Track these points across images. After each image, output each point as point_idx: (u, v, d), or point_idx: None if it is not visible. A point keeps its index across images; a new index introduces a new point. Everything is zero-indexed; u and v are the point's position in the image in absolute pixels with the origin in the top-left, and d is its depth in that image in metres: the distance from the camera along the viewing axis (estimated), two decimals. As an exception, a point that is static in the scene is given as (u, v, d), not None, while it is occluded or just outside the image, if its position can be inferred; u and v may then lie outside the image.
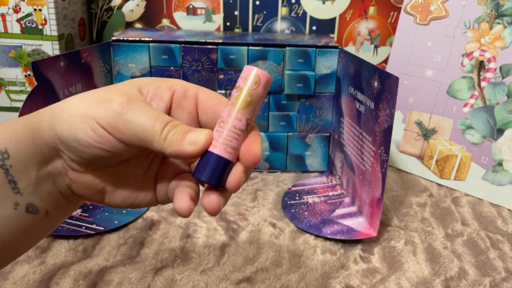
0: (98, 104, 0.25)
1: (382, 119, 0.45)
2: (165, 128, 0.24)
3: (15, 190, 0.25)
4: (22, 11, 0.56)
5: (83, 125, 0.24)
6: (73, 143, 0.24)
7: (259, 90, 0.25)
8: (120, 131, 0.24)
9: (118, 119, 0.24)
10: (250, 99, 0.25)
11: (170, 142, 0.24)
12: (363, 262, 0.44)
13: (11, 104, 0.60)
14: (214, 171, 0.25)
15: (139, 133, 0.24)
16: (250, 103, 0.25)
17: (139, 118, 0.24)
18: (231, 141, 0.25)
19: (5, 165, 0.24)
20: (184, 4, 0.69)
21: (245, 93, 0.25)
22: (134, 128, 0.24)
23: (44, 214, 0.26)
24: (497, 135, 0.56)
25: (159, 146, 0.24)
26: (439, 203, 0.56)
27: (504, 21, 0.54)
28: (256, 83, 0.24)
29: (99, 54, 0.54)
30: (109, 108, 0.24)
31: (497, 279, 0.42)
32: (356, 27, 0.70)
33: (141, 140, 0.24)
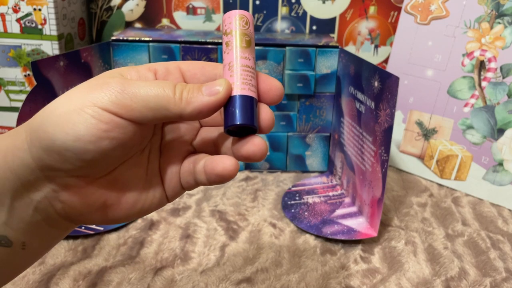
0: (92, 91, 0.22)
1: (383, 119, 0.45)
2: (176, 89, 0.22)
3: None
4: (21, 11, 0.55)
5: (83, 116, 0.21)
6: (74, 144, 0.21)
7: (251, 29, 0.25)
8: (129, 107, 0.21)
9: (123, 95, 0.21)
10: (249, 38, 0.24)
11: (188, 100, 0.22)
12: (364, 262, 0.44)
13: (10, 104, 0.60)
14: (247, 112, 0.23)
15: (151, 102, 0.21)
16: (250, 42, 0.24)
17: (145, 89, 0.22)
18: (250, 80, 0.24)
19: None
20: (184, 4, 0.69)
21: (241, 33, 0.24)
22: (144, 98, 0.21)
23: (19, 247, 0.23)
24: (498, 135, 0.55)
25: (177, 108, 0.22)
26: (440, 203, 0.56)
27: (504, 21, 0.54)
28: (247, 24, 0.24)
29: (99, 54, 0.54)
30: (109, 88, 0.21)
31: (497, 279, 0.42)
32: (357, 26, 0.70)
33: (155, 110, 0.22)
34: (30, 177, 0.22)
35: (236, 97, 0.23)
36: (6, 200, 0.22)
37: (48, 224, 0.23)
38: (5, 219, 0.22)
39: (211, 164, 0.24)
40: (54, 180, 0.22)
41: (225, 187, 0.57)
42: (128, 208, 0.25)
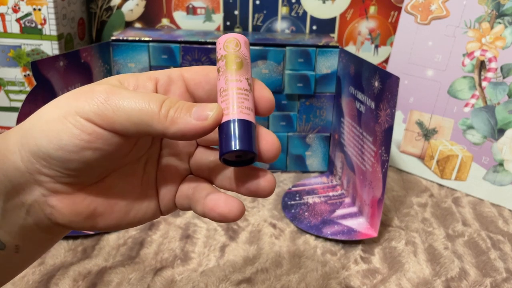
0: (77, 99, 0.21)
1: (383, 119, 0.45)
2: (163, 105, 0.21)
3: None
4: (21, 11, 0.55)
5: (66, 125, 0.20)
6: (57, 153, 0.21)
7: (243, 51, 0.24)
8: (111, 119, 0.20)
9: (105, 106, 0.20)
10: (240, 60, 0.23)
11: (173, 119, 0.21)
12: (364, 263, 0.44)
13: (10, 104, 0.59)
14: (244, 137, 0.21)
15: (133, 115, 0.20)
16: (241, 63, 0.23)
17: (129, 101, 0.20)
18: (243, 102, 0.22)
19: None
20: (184, 4, 0.68)
21: (232, 56, 0.23)
22: (126, 111, 0.20)
23: (13, 250, 0.23)
24: (498, 135, 0.55)
25: (161, 126, 0.21)
26: (440, 204, 0.56)
27: (505, 21, 0.54)
28: (237, 45, 0.24)
29: (99, 54, 0.54)
30: (92, 98, 0.21)
31: (498, 280, 0.42)
32: (357, 26, 0.70)
33: (137, 124, 0.21)
34: (20, 180, 0.22)
35: (231, 121, 0.21)
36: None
37: (40, 228, 0.23)
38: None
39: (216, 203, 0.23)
40: (42, 185, 0.22)
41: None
42: (119, 217, 0.24)
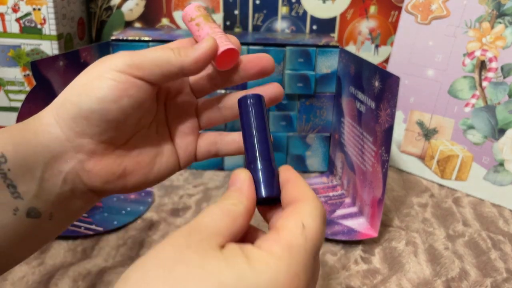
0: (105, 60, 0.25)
1: (383, 119, 0.45)
2: (174, 49, 0.27)
3: (14, 194, 0.23)
4: (21, 11, 0.55)
5: (103, 80, 0.24)
6: (98, 106, 0.24)
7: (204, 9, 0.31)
8: (140, 66, 0.25)
9: (133, 58, 0.25)
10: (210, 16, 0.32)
11: (185, 53, 0.26)
12: (364, 263, 0.44)
13: (10, 104, 0.59)
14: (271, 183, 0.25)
15: (156, 59, 0.26)
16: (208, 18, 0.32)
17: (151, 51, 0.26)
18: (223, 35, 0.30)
19: (2, 169, 0.23)
20: (184, 4, 0.68)
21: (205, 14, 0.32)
22: (150, 58, 0.25)
23: (47, 218, 0.25)
24: (499, 135, 0.55)
25: (178, 61, 0.26)
26: (440, 204, 0.56)
27: (505, 21, 0.54)
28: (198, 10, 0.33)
29: (99, 53, 0.54)
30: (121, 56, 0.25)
31: (498, 280, 0.42)
32: (357, 26, 0.69)
33: (160, 66, 0.26)
34: (59, 149, 0.25)
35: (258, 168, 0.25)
36: (38, 173, 0.24)
37: (74, 195, 0.26)
38: (36, 191, 0.24)
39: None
40: (81, 150, 0.25)
41: (224, 187, 0.57)
42: (145, 173, 0.28)
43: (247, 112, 0.26)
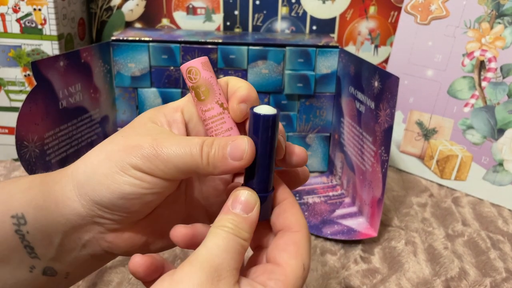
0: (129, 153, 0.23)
1: (383, 119, 0.45)
2: (203, 152, 0.23)
3: (31, 255, 0.23)
4: (21, 11, 0.55)
5: (126, 178, 0.23)
6: (120, 201, 0.23)
7: (204, 76, 0.25)
8: (163, 171, 0.23)
9: (156, 161, 0.23)
10: (204, 87, 0.25)
11: (214, 164, 0.23)
12: (364, 263, 0.44)
13: (10, 104, 0.59)
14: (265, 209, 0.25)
15: (181, 167, 0.23)
16: (207, 91, 0.25)
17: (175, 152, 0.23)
18: (222, 126, 0.26)
19: (21, 230, 0.23)
20: (184, 4, 0.69)
21: (196, 87, 0.25)
22: (175, 164, 0.23)
23: (63, 276, 0.25)
24: (498, 135, 0.55)
25: (206, 171, 0.24)
26: (440, 203, 0.56)
27: (504, 21, 0.54)
28: (196, 74, 0.25)
29: (99, 54, 0.54)
30: (143, 154, 0.23)
31: (497, 280, 0.42)
32: (357, 26, 0.70)
33: (186, 172, 0.24)
34: (80, 222, 0.24)
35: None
36: (56, 240, 0.24)
37: (93, 257, 0.26)
38: (54, 255, 0.24)
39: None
40: (102, 225, 0.25)
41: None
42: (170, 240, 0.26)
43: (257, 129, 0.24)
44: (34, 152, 0.44)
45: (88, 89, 0.53)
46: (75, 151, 0.51)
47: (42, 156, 0.45)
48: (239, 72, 0.58)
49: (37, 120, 0.44)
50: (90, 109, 0.54)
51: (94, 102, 0.54)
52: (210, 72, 0.26)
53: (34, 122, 0.43)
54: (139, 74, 0.58)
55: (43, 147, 0.45)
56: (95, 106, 0.55)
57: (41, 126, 0.44)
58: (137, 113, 0.60)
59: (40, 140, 0.44)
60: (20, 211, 0.23)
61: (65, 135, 0.49)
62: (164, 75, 0.58)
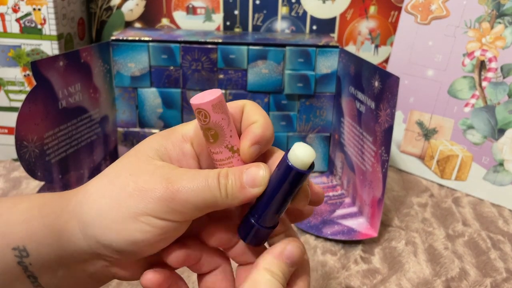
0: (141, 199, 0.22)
1: (383, 119, 0.45)
2: (220, 185, 0.22)
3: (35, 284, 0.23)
4: (21, 11, 0.55)
5: (138, 225, 0.22)
6: (130, 248, 0.22)
7: (214, 118, 0.23)
8: (180, 213, 0.22)
9: (172, 204, 0.22)
10: (213, 131, 0.23)
11: (233, 195, 0.23)
12: (364, 263, 0.44)
13: (10, 104, 0.59)
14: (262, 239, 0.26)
15: (200, 204, 0.22)
16: (216, 134, 0.24)
17: (192, 190, 0.22)
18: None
19: (24, 262, 0.22)
20: (184, 4, 0.68)
21: (205, 129, 0.24)
22: (193, 203, 0.22)
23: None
24: (498, 135, 0.55)
25: (225, 204, 0.23)
26: (440, 204, 0.56)
27: (505, 21, 0.54)
28: (206, 117, 0.23)
29: (99, 53, 0.54)
30: (158, 197, 0.22)
31: (498, 280, 0.42)
32: (357, 26, 0.70)
33: (204, 209, 0.23)
34: (83, 257, 0.24)
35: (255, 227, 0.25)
36: (60, 272, 0.24)
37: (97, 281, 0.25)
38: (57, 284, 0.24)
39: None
40: (106, 260, 0.24)
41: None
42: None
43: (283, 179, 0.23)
44: (33, 152, 0.44)
45: (88, 89, 0.53)
46: (74, 151, 0.51)
47: (42, 156, 0.45)
48: (239, 72, 0.58)
49: (36, 120, 0.44)
50: (90, 109, 0.53)
51: (93, 102, 0.54)
52: (222, 114, 0.23)
53: (34, 122, 0.43)
54: (139, 74, 0.58)
55: (42, 147, 0.45)
56: (95, 106, 0.54)
57: (41, 126, 0.44)
58: (137, 113, 0.60)
59: (40, 140, 0.44)
60: (21, 244, 0.22)
61: (64, 135, 0.49)
62: (164, 75, 0.58)
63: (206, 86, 0.58)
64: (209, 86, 0.58)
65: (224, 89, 0.59)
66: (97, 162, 0.56)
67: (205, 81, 0.58)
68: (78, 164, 0.52)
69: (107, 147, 0.58)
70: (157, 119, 0.60)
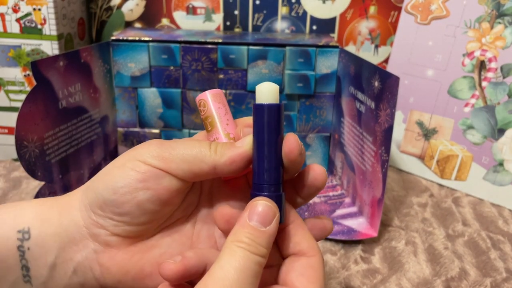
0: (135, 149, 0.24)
1: (383, 119, 0.45)
2: (211, 145, 0.24)
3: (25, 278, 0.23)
4: (21, 11, 0.55)
5: (123, 169, 0.23)
6: (111, 197, 0.23)
7: (213, 106, 0.26)
8: (167, 160, 0.23)
9: (162, 149, 0.23)
10: (211, 119, 0.26)
11: (222, 152, 0.23)
12: (364, 263, 0.44)
13: (10, 104, 0.59)
14: None
15: (188, 154, 0.23)
16: (213, 122, 0.26)
17: (183, 145, 0.23)
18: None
19: (23, 246, 0.23)
20: (184, 4, 0.68)
21: (204, 118, 0.26)
22: (181, 153, 0.23)
23: None
24: (498, 135, 0.55)
25: (212, 159, 0.23)
26: (440, 203, 0.56)
27: (505, 21, 0.54)
28: (205, 106, 0.26)
29: (99, 53, 0.54)
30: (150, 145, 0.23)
31: (498, 280, 0.42)
32: (357, 26, 0.70)
33: (191, 162, 0.23)
34: (76, 235, 0.24)
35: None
36: (51, 258, 0.23)
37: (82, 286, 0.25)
38: (45, 278, 0.23)
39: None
40: (97, 239, 0.24)
41: (225, 187, 0.57)
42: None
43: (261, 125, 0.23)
44: (34, 152, 0.44)
45: (88, 89, 0.53)
46: (75, 151, 0.51)
47: (42, 156, 0.45)
48: (239, 72, 0.58)
49: (36, 120, 0.44)
50: (90, 109, 0.53)
51: (94, 102, 0.54)
52: (219, 104, 0.26)
53: (34, 122, 0.43)
54: (139, 74, 0.58)
55: (43, 147, 0.45)
56: (95, 106, 0.54)
57: (41, 126, 0.44)
58: (137, 113, 0.60)
59: (40, 140, 0.44)
60: (27, 225, 0.23)
61: (65, 135, 0.49)
62: (164, 75, 0.58)
63: (206, 86, 0.58)
64: (209, 86, 0.58)
65: (224, 89, 0.59)
66: (97, 162, 0.56)
67: (205, 81, 0.58)
68: (78, 164, 0.52)
69: (107, 147, 0.58)
70: (157, 119, 0.60)
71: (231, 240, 0.21)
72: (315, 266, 0.23)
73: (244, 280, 0.20)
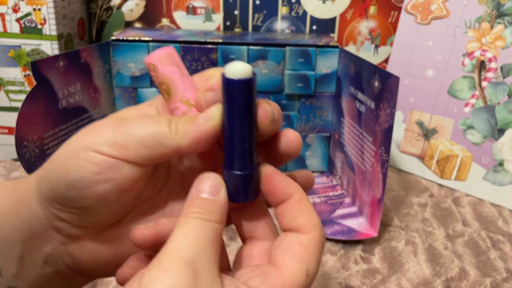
0: (86, 134, 0.21)
1: (383, 119, 0.45)
2: (171, 123, 0.21)
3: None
4: (21, 11, 0.55)
5: (76, 161, 0.20)
6: (68, 192, 0.20)
7: (161, 71, 0.22)
8: (124, 147, 0.20)
9: (116, 135, 0.20)
10: (165, 85, 0.23)
11: (184, 132, 0.20)
12: (364, 263, 0.44)
13: (10, 104, 0.59)
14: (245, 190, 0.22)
15: (145, 139, 0.20)
16: (168, 89, 0.23)
17: (139, 126, 0.20)
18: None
19: None
20: (184, 4, 0.68)
21: (158, 86, 0.23)
22: (138, 137, 0.20)
23: None
24: (498, 135, 0.55)
25: (173, 142, 0.20)
26: (440, 203, 0.56)
27: (505, 21, 0.54)
28: (155, 71, 0.23)
29: (99, 53, 0.54)
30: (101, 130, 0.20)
31: (498, 280, 0.42)
32: (357, 26, 0.70)
33: (151, 147, 0.20)
34: (38, 228, 0.21)
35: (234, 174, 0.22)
36: (17, 250, 0.21)
37: (60, 277, 0.23)
38: (15, 271, 0.22)
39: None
40: (61, 232, 0.22)
41: (225, 187, 0.57)
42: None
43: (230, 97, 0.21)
44: (34, 152, 0.44)
45: (88, 89, 0.53)
46: (75, 151, 0.51)
47: (42, 156, 0.45)
48: (239, 72, 0.58)
49: (36, 120, 0.44)
50: (90, 109, 0.53)
51: (94, 102, 0.54)
52: (171, 66, 0.22)
53: (34, 122, 0.43)
54: (139, 74, 0.58)
55: (43, 147, 0.45)
56: (95, 106, 0.54)
57: (41, 126, 0.44)
58: (137, 113, 0.60)
59: (40, 140, 0.44)
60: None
61: (65, 135, 0.49)
62: (164, 75, 0.58)
63: (206, 86, 0.58)
64: (209, 86, 0.58)
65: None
66: (97, 162, 0.56)
67: (205, 81, 0.58)
68: (78, 164, 0.52)
69: (107, 147, 0.58)
70: (157, 119, 0.60)
71: (182, 215, 0.20)
72: (305, 243, 0.20)
73: (199, 247, 0.18)
